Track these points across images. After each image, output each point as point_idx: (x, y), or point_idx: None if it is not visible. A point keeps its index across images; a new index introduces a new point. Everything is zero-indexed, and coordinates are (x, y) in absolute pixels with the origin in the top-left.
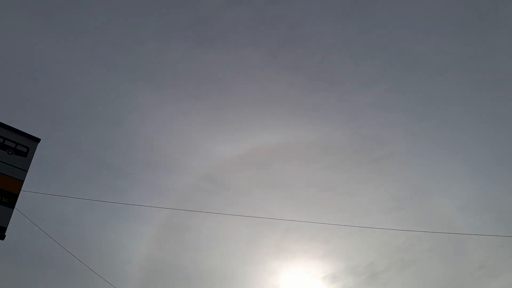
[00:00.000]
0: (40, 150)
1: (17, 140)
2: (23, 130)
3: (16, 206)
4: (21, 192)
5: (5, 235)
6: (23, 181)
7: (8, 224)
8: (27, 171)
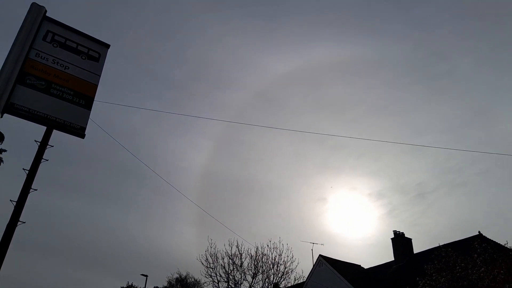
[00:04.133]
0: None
1: (89, 46)
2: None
3: (92, 118)
4: (95, 103)
5: (85, 134)
6: (97, 85)
7: (87, 124)
8: (100, 75)
